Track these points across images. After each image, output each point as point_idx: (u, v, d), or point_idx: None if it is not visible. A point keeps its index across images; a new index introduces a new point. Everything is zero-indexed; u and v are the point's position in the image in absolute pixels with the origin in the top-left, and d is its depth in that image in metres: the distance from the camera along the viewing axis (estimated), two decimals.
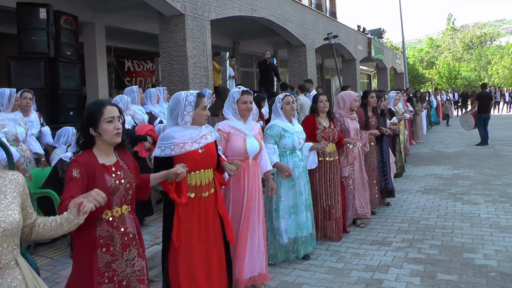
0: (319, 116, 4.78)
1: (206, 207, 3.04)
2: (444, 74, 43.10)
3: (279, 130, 4.13)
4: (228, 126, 3.59)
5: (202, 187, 3.01)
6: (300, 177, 4.21)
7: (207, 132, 3.12)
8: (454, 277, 3.75)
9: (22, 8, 6.74)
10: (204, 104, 3.03)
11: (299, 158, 4.23)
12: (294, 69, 13.79)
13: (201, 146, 3.00)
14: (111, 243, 2.30)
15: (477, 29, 58.08)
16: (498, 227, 5.05)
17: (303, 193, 4.23)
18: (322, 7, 20.96)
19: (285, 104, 4.20)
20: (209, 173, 3.07)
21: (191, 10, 8.02)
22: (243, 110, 3.61)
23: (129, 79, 12.31)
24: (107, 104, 2.36)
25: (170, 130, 3.02)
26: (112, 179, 2.31)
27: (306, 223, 4.26)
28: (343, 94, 5.34)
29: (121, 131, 2.37)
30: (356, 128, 5.29)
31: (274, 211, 4.15)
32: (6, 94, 4.60)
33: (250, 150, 3.58)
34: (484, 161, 9.62)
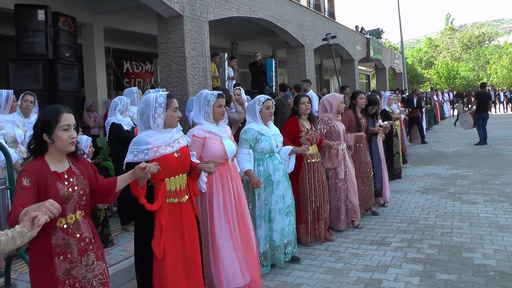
0: (301, 118, 4.74)
1: (187, 212, 3.02)
2: (442, 74, 43.12)
3: (255, 134, 4.03)
4: (203, 131, 3.52)
5: (181, 192, 2.99)
6: (281, 180, 4.13)
7: (179, 136, 3.08)
8: (453, 277, 3.75)
9: (21, 9, 6.74)
10: (175, 105, 2.98)
11: (278, 161, 4.15)
12: (293, 70, 13.78)
13: (176, 150, 2.97)
14: (68, 250, 2.26)
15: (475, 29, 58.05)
16: (497, 226, 5.06)
17: (284, 197, 4.14)
18: (320, 7, 20.96)
19: (265, 109, 4.10)
20: (184, 178, 3.05)
21: (189, 11, 8.02)
22: (218, 114, 3.55)
23: (127, 80, 12.29)
24: (64, 112, 2.30)
25: (143, 134, 2.94)
26: (65, 187, 2.26)
27: (287, 229, 4.14)
28: (329, 97, 5.29)
29: (75, 140, 2.33)
30: (344, 129, 5.31)
31: (258, 217, 4.04)
32: (3, 95, 4.59)
33: (229, 151, 3.57)
34: (483, 161, 9.63)
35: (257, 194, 4.03)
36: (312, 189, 4.69)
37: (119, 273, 3.96)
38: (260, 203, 4.03)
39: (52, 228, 2.22)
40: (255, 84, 11.35)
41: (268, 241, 4.05)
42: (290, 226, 4.20)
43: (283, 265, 4.18)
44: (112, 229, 5.04)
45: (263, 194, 4.04)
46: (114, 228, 5.20)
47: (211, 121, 3.55)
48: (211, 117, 3.54)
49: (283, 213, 4.11)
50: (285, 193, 4.15)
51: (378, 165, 6.28)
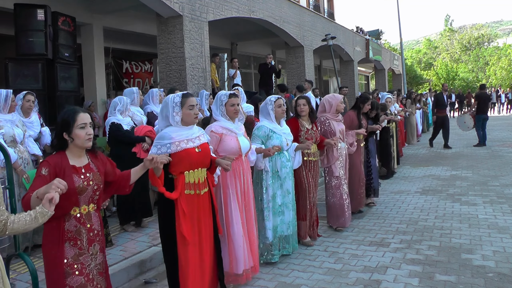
0: (301, 118, 4.88)
1: (203, 204, 3.23)
2: (442, 75, 43.15)
3: (267, 131, 4.26)
4: (221, 127, 3.75)
5: (200, 185, 3.20)
6: (288, 176, 4.37)
7: (200, 133, 3.30)
8: (452, 278, 3.76)
9: (20, 9, 6.73)
10: (190, 103, 3.18)
11: (286, 159, 4.37)
12: (292, 70, 13.80)
13: (197, 145, 3.18)
14: (78, 237, 2.48)
15: (474, 30, 58.11)
16: (496, 228, 5.06)
17: (290, 192, 4.39)
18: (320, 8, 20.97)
19: (277, 107, 4.33)
20: (204, 172, 3.25)
21: (189, 11, 8.02)
22: (231, 112, 3.78)
23: (127, 80, 12.28)
24: (80, 111, 2.52)
25: (167, 130, 3.16)
26: (81, 180, 2.48)
27: (292, 222, 4.42)
28: (329, 98, 5.38)
29: (92, 137, 2.53)
30: (342, 129, 5.36)
31: (265, 209, 4.26)
32: (2, 95, 4.58)
33: (243, 148, 3.80)
34: (482, 162, 9.64)
35: (264, 188, 4.27)
36: (310, 185, 4.80)
37: (118, 273, 3.96)
38: (267, 197, 4.26)
39: (66, 215, 2.45)
40: (262, 85, 11.37)
41: (277, 232, 4.29)
42: (294, 221, 4.48)
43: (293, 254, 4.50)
44: (111, 229, 5.04)
45: (271, 188, 4.27)
46: (113, 228, 5.19)
47: (228, 119, 3.79)
48: (226, 115, 3.78)
49: (289, 208, 4.37)
50: (291, 188, 4.40)
51: (375, 165, 6.43)
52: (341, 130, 5.33)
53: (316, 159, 4.89)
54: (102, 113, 9.88)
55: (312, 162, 4.85)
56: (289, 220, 4.38)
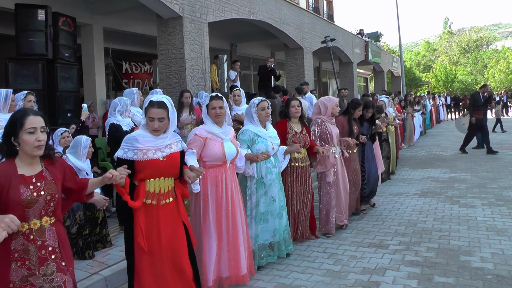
0: (291, 121, 4.74)
1: (165, 215, 3.02)
2: (441, 78, 43.29)
3: (251, 135, 4.10)
4: (205, 131, 3.60)
5: (160, 195, 3.00)
6: (273, 183, 4.19)
7: (173, 141, 3.09)
8: (451, 280, 3.77)
9: (21, 9, 6.73)
10: (150, 114, 2.98)
11: (272, 164, 4.19)
12: (292, 72, 13.82)
13: (164, 155, 2.99)
14: (27, 257, 2.20)
15: (473, 33, 58.29)
16: (495, 230, 5.07)
17: (275, 200, 4.20)
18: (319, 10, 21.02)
19: (260, 110, 4.15)
20: (169, 182, 3.06)
21: (189, 13, 8.04)
22: (213, 116, 3.60)
23: (126, 81, 12.29)
24: (29, 114, 2.25)
25: (135, 133, 3.03)
26: (29, 191, 2.21)
27: (278, 230, 4.22)
28: (324, 100, 5.25)
29: (43, 143, 2.25)
30: (337, 133, 5.25)
31: (248, 217, 4.09)
32: (2, 94, 4.59)
33: (228, 154, 3.62)
34: (480, 165, 9.66)
35: (248, 195, 4.11)
36: (294, 193, 4.68)
37: (118, 273, 3.96)
38: (250, 204, 4.12)
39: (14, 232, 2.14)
40: (262, 87, 11.37)
41: (258, 241, 4.12)
42: (282, 228, 4.26)
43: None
44: (111, 230, 5.04)
45: (255, 195, 4.11)
46: (113, 228, 5.20)
47: (213, 122, 3.62)
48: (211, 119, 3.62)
49: (276, 215, 4.19)
50: (277, 195, 4.20)
51: (373, 170, 6.18)
52: (337, 133, 5.24)
53: (304, 164, 4.75)
54: (102, 114, 9.89)
55: (300, 168, 4.69)
56: (275, 227, 4.19)
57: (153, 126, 2.96)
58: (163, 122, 2.97)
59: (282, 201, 4.30)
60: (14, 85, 6.04)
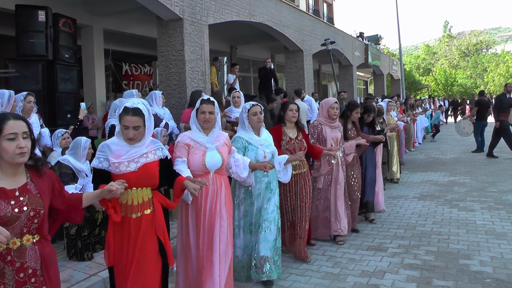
0: (286, 126, 4.47)
1: (137, 229, 2.75)
2: (440, 81, 43.33)
3: (243, 142, 3.84)
4: (189, 138, 3.31)
5: (133, 207, 2.75)
6: (262, 193, 3.87)
7: (151, 149, 2.85)
8: (450, 283, 3.77)
9: (21, 10, 6.74)
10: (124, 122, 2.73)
11: (262, 173, 3.84)
12: (291, 75, 13.83)
13: (139, 166, 2.75)
14: (2, 281, 1.97)
15: (473, 36, 58.36)
16: (494, 233, 5.08)
17: (261, 211, 3.86)
18: (319, 13, 21.06)
19: (251, 115, 3.87)
20: (144, 192, 2.79)
21: (189, 15, 8.04)
22: (201, 121, 3.30)
23: (126, 82, 12.29)
24: (9, 119, 2.02)
25: (109, 141, 2.83)
26: (9, 207, 1.98)
27: (263, 245, 3.81)
28: (323, 101, 5.06)
29: (26, 150, 2.03)
30: (336, 137, 4.92)
31: (236, 227, 3.88)
32: (6, 94, 4.61)
33: (210, 164, 3.26)
34: (480, 168, 9.67)
35: (236, 205, 3.88)
36: (288, 201, 4.39)
37: None
38: (239, 214, 3.89)
39: None
40: (262, 89, 11.36)
41: (246, 251, 3.90)
42: (270, 243, 3.83)
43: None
44: None
45: (243, 205, 3.89)
46: None
47: (200, 129, 3.33)
48: (198, 125, 3.32)
49: (264, 227, 3.85)
50: (265, 207, 3.86)
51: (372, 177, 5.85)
52: (335, 138, 4.90)
53: (299, 171, 4.40)
54: (101, 115, 9.89)
55: (293, 176, 4.32)
56: (260, 241, 3.83)
57: (128, 135, 2.74)
58: (139, 131, 2.74)
59: (272, 212, 3.89)
60: (14, 86, 6.04)
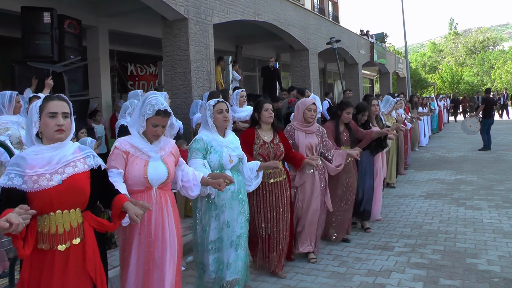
0: (261, 128, 3.98)
1: (63, 265, 2.13)
2: (446, 79, 43.08)
3: (204, 144, 3.33)
4: (129, 144, 2.68)
5: (58, 236, 2.11)
6: (228, 204, 3.38)
7: (80, 156, 2.23)
8: (457, 283, 3.74)
9: (27, 12, 6.79)
10: (50, 110, 2.16)
11: None
12: (297, 73, 13.80)
13: (64, 178, 2.13)
14: None
15: (480, 33, 58.04)
16: (501, 232, 5.03)
17: (231, 225, 3.39)
18: (324, 11, 21.00)
19: (216, 113, 3.38)
20: (72, 216, 2.16)
21: (194, 14, 8.05)
22: (150, 133, 2.71)
23: (131, 83, 12.33)
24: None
25: (26, 154, 2.17)
26: None
27: (234, 264, 3.41)
28: (299, 102, 4.43)
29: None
30: (311, 144, 4.29)
31: (199, 244, 3.45)
32: (7, 95, 4.61)
33: (153, 177, 2.68)
34: (487, 166, 9.60)
35: (198, 218, 3.43)
36: (261, 214, 3.91)
37: None
38: (200, 229, 3.43)
39: None
40: (266, 88, 11.36)
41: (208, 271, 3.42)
42: (238, 262, 3.44)
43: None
44: (115, 231, 5.05)
45: (205, 219, 3.39)
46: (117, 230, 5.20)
47: (142, 137, 2.72)
48: (141, 133, 2.71)
49: (229, 244, 3.40)
50: (234, 220, 3.41)
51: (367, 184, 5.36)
52: (309, 145, 4.29)
53: (274, 180, 3.94)
54: (107, 116, 9.93)
55: (269, 185, 3.90)
56: (228, 260, 3.38)
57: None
58: (67, 121, 2.19)
59: (241, 228, 3.46)
60: (20, 87, 6.08)
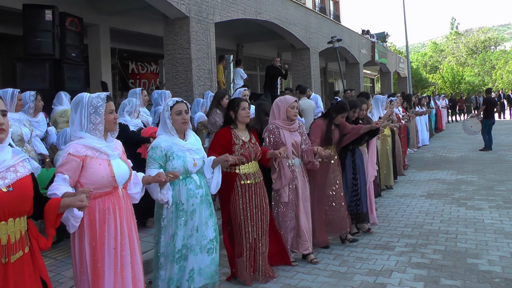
0: (238, 128, 3.85)
1: (17, 276, 1.99)
2: (447, 79, 43.05)
3: (164, 150, 3.12)
4: (84, 147, 2.54)
5: (10, 247, 1.95)
6: (198, 209, 3.23)
7: (18, 160, 2.06)
8: (458, 283, 3.73)
9: (28, 10, 6.79)
10: None
11: (195, 185, 3.22)
12: (298, 73, 13.81)
13: (8, 183, 1.96)
14: None
15: (481, 33, 58.02)
16: (503, 232, 5.03)
17: (201, 230, 3.24)
18: (326, 10, 20.98)
19: (175, 114, 3.16)
20: (21, 223, 2.02)
21: (195, 13, 8.05)
22: (111, 122, 2.64)
23: (133, 81, 12.35)
24: None
25: None
26: None
27: (207, 269, 3.26)
28: (278, 100, 4.34)
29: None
30: (296, 142, 4.27)
31: (161, 256, 3.21)
32: (9, 92, 4.63)
33: (119, 175, 2.61)
34: (488, 167, 9.59)
35: (163, 226, 3.21)
36: (247, 217, 3.78)
37: None
38: (166, 238, 3.19)
39: None
40: (268, 87, 11.35)
41: (171, 285, 3.19)
42: (212, 266, 3.30)
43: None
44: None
45: (171, 227, 3.19)
46: None
47: (98, 135, 2.61)
48: (100, 129, 2.60)
49: (199, 250, 3.24)
50: (204, 224, 3.27)
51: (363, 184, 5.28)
52: (295, 143, 4.27)
53: (258, 180, 3.87)
54: None
55: (252, 185, 3.81)
56: (200, 266, 3.22)
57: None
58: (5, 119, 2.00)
59: (213, 231, 3.32)
60: (21, 85, 6.09)
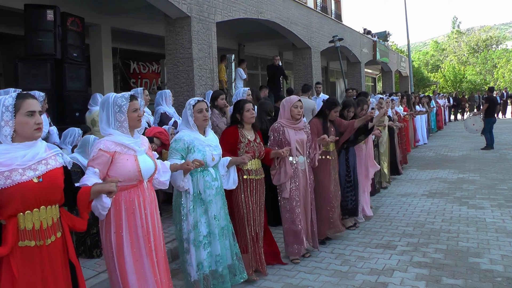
0: (243, 128, 4.05)
1: (52, 258, 2.22)
2: (449, 78, 42.99)
3: (186, 143, 3.41)
4: (114, 143, 2.74)
5: (43, 231, 2.19)
6: (214, 199, 3.50)
7: (50, 154, 2.29)
8: (460, 282, 3.74)
9: (30, 9, 6.79)
10: (28, 108, 2.19)
11: (212, 177, 3.49)
12: (299, 72, 13.79)
13: (39, 174, 2.18)
14: None
15: (483, 32, 57.94)
16: (504, 231, 5.03)
17: (218, 219, 3.52)
18: (327, 9, 20.95)
19: (196, 112, 3.47)
20: (52, 211, 2.25)
21: (197, 12, 8.04)
22: (135, 119, 2.83)
23: (134, 80, 12.35)
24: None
25: None
26: None
27: (223, 255, 3.53)
28: (284, 100, 4.54)
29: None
30: (302, 140, 4.42)
31: (185, 241, 3.46)
32: (10, 92, 4.63)
33: (145, 170, 2.83)
34: (489, 165, 9.58)
35: (184, 215, 3.45)
36: (250, 211, 3.95)
37: None
38: (187, 226, 3.44)
39: None
40: (270, 87, 11.34)
41: (202, 269, 3.42)
42: (228, 250, 3.59)
43: None
44: None
45: (192, 215, 3.44)
46: None
47: (126, 132, 2.81)
48: (125, 126, 2.80)
49: (216, 237, 3.50)
50: (218, 213, 3.54)
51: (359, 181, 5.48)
52: (300, 141, 4.41)
53: (259, 177, 4.05)
54: None
55: (254, 181, 3.99)
56: (220, 251, 3.50)
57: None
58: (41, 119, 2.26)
59: (225, 219, 3.63)
60: (23, 85, 6.09)
